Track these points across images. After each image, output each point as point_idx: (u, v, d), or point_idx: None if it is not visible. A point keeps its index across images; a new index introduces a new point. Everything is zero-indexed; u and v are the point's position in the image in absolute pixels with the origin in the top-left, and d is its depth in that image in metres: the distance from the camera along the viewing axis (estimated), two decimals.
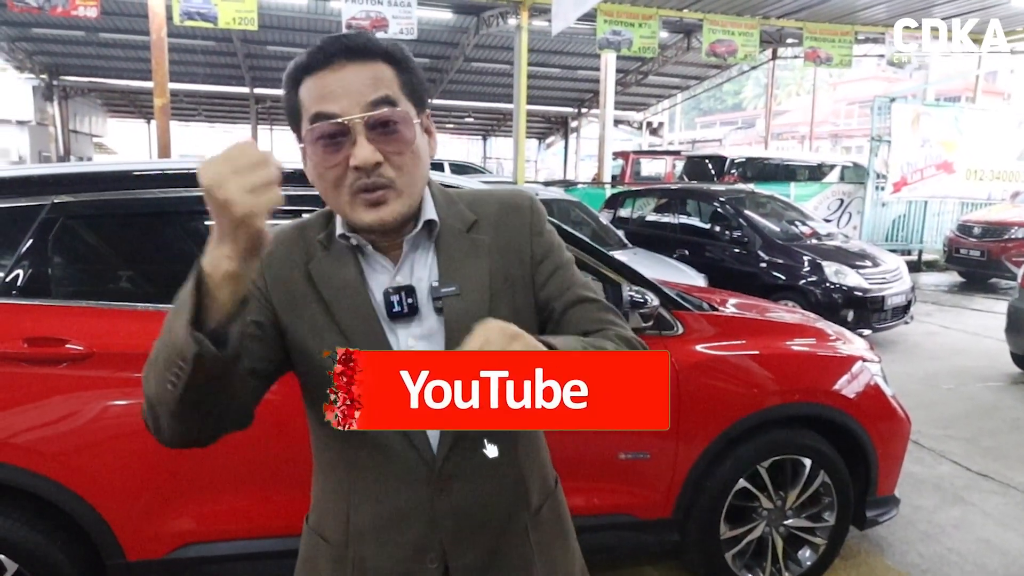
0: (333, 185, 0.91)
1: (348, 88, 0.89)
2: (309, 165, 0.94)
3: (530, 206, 1.06)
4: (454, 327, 0.94)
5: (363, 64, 0.91)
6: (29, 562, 1.83)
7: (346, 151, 0.89)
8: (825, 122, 40.23)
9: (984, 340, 6.68)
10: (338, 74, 0.90)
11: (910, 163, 10.76)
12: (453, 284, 0.97)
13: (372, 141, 0.89)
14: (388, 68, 0.93)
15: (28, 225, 1.90)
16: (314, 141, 0.90)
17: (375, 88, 0.90)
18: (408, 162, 0.93)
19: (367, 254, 0.98)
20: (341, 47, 0.90)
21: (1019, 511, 3.34)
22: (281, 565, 2.05)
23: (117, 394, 1.86)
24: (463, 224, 1.01)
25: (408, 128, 0.92)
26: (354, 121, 0.88)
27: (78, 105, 22.98)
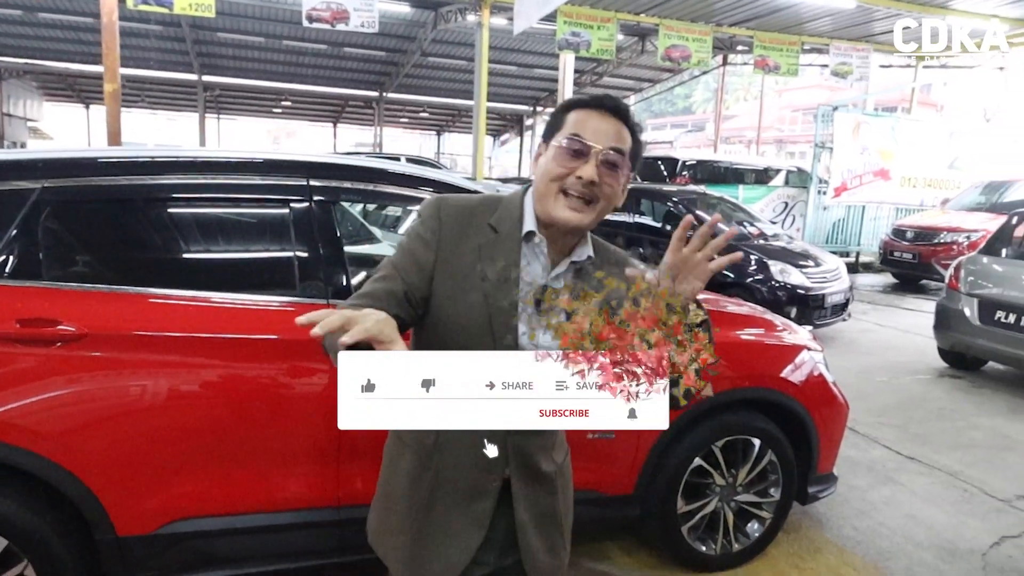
0: (553, 178, 1.23)
1: (603, 130, 1.23)
2: (543, 159, 1.26)
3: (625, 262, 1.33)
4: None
5: (618, 121, 1.25)
6: (20, 539, 1.86)
7: (579, 163, 1.22)
8: (771, 128, 41.52)
9: (915, 337, 7.12)
10: (602, 118, 1.24)
11: (850, 169, 11.29)
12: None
13: (598, 167, 1.21)
14: (629, 134, 1.27)
15: (19, 208, 1.94)
16: (563, 147, 1.23)
17: (618, 140, 1.25)
18: (608, 194, 1.25)
19: (539, 250, 1.28)
20: (613, 105, 1.26)
21: (943, 490, 3.64)
22: (265, 540, 2.14)
23: (109, 374, 1.91)
24: (596, 265, 1.28)
25: (622, 174, 1.26)
26: (597, 149, 1.22)
27: (12, 87, 22.06)
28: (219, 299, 2.05)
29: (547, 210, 1.25)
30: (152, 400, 1.95)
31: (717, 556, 2.75)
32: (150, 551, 2.00)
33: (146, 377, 1.94)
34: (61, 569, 1.91)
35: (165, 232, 2.17)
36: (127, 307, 1.97)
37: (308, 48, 18.15)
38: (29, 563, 1.88)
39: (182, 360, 1.98)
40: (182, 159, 2.17)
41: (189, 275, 2.19)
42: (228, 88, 23.03)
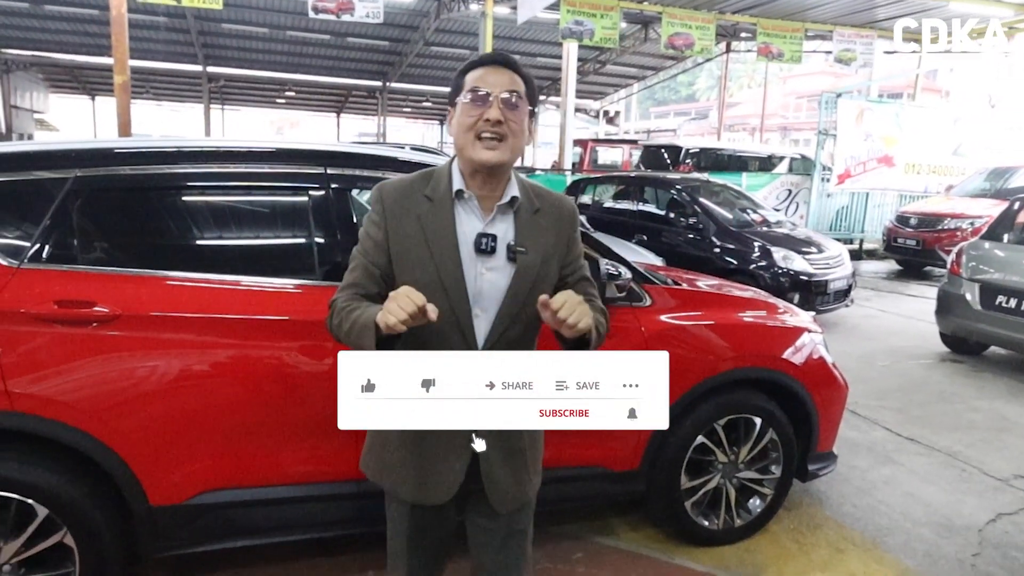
0: (466, 129, 1.42)
1: (497, 80, 1.43)
2: (455, 118, 1.46)
3: (573, 209, 1.60)
4: (520, 272, 1.47)
5: (508, 70, 1.45)
6: (59, 508, 1.97)
7: (484, 109, 1.41)
8: (775, 115, 41.31)
9: (917, 323, 7.19)
10: (494, 70, 1.44)
11: (854, 156, 11.32)
12: (523, 245, 1.48)
13: (501, 109, 1.41)
14: (520, 79, 1.46)
15: (54, 197, 2.04)
16: (469, 101, 1.42)
17: (512, 84, 1.44)
18: (515, 130, 1.43)
19: (469, 203, 1.48)
20: (502, 59, 1.47)
21: (941, 469, 3.73)
22: (289, 511, 2.25)
23: (142, 353, 2.02)
24: (532, 207, 1.52)
25: (522, 112, 1.45)
26: (495, 93, 1.41)
27: (19, 79, 22.12)
28: (247, 282, 2.15)
29: (469, 156, 1.43)
30: (182, 377, 2.05)
31: (720, 531, 2.84)
32: (181, 520, 2.11)
33: (176, 356, 2.05)
34: (98, 537, 2.02)
35: (191, 218, 2.27)
36: (157, 289, 2.07)
37: (312, 38, 18.19)
38: (68, 531, 1.99)
39: (210, 340, 2.08)
40: (207, 149, 2.26)
41: (214, 259, 2.28)
42: (232, 79, 23.09)
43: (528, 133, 1.49)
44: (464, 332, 1.46)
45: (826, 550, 2.90)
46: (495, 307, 1.48)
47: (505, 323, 1.48)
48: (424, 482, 1.53)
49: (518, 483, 1.58)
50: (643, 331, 2.58)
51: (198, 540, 2.17)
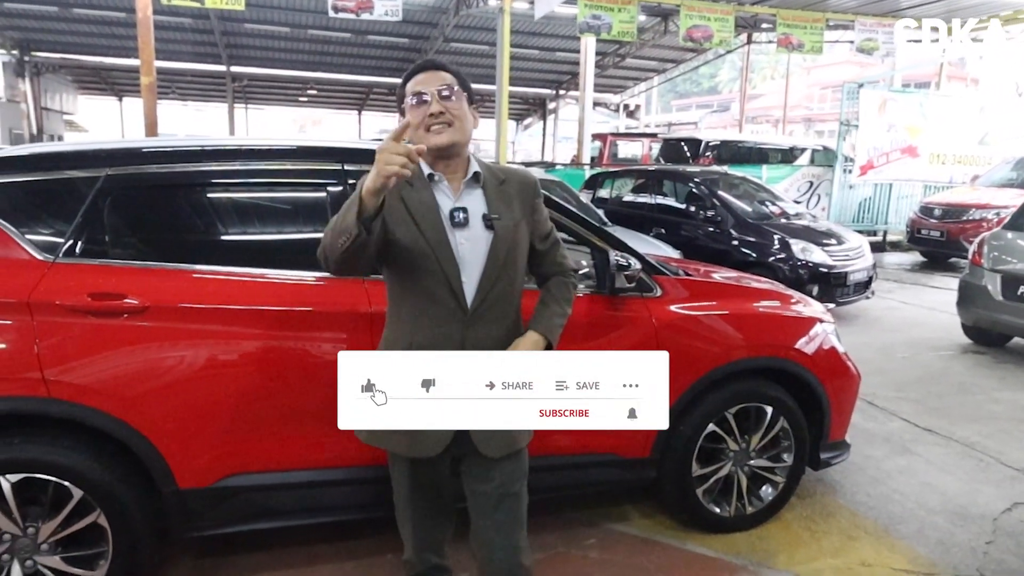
0: (416, 127, 1.66)
1: (431, 80, 1.69)
2: (408, 118, 1.66)
3: (534, 180, 1.86)
4: (498, 236, 1.70)
5: (437, 71, 1.71)
6: (93, 490, 2.08)
7: (426, 107, 1.66)
8: (799, 106, 40.77)
9: (940, 315, 7.12)
10: (427, 74, 1.70)
11: (876, 147, 11.20)
12: (497, 213, 1.72)
13: (440, 103, 1.65)
14: (451, 75, 1.71)
15: (86, 195, 2.14)
16: (412, 104, 1.67)
17: (443, 81, 1.69)
18: (459, 115, 1.68)
19: (440, 185, 1.71)
20: (431, 64, 1.73)
21: (958, 459, 3.73)
22: (310, 495, 2.34)
23: (170, 343, 2.11)
24: (497, 181, 1.78)
25: (459, 102, 1.69)
26: (431, 91, 1.66)
27: (49, 81, 22.56)
28: (271, 275, 2.24)
29: (425, 142, 1.64)
30: (208, 366, 2.15)
31: (731, 518, 2.89)
32: (208, 503, 2.21)
33: (203, 345, 2.14)
34: (129, 518, 2.13)
35: (216, 213, 2.36)
36: (184, 282, 2.17)
37: (333, 37, 18.34)
38: (102, 512, 2.10)
39: (235, 330, 2.17)
40: (230, 147, 2.35)
41: (238, 253, 2.37)
42: (255, 78, 23.35)
43: (472, 118, 1.74)
44: (456, 293, 1.66)
45: (838, 537, 2.92)
46: (478, 271, 1.68)
47: (491, 281, 1.68)
48: (415, 436, 1.66)
49: (503, 430, 1.69)
50: (653, 321, 2.63)
51: (224, 522, 2.27)
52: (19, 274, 2.04)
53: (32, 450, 2.03)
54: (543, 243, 1.86)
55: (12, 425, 2.05)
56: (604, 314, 2.55)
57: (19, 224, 2.10)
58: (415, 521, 1.87)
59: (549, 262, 1.89)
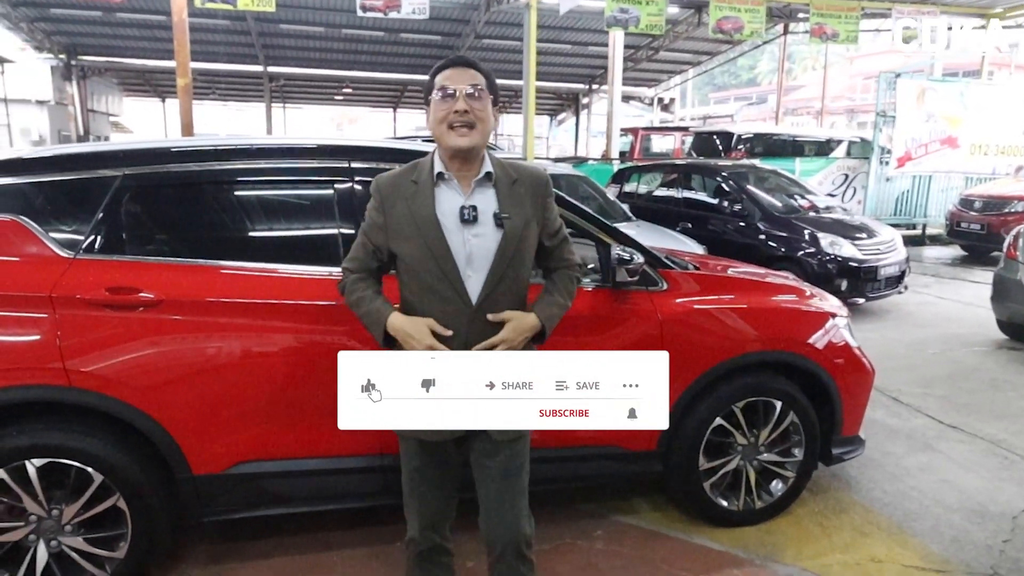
0: (439, 121, 1.71)
1: (460, 77, 1.72)
2: (431, 115, 1.75)
3: (547, 178, 1.89)
4: (507, 235, 1.74)
5: (469, 69, 1.75)
6: (112, 475, 2.19)
7: (452, 103, 1.70)
8: (841, 97, 39.79)
9: (976, 310, 6.94)
10: (457, 70, 1.74)
11: (915, 138, 10.91)
12: (508, 212, 1.76)
13: (466, 101, 1.70)
14: (481, 75, 1.75)
15: (104, 194, 2.25)
16: (439, 98, 1.71)
17: (473, 79, 1.73)
18: (482, 118, 1.72)
19: (450, 183, 1.76)
20: (463, 60, 1.76)
21: (982, 458, 3.65)
22: (317, 482, 2.42)
23: (183, 335, 2.21)
24: (509, 180, 1.81)
25: (484, 103, 1.74)
26: (460, 88, 1.70)
27: (95, 84, 23.29)
28: (282, 270, 2.33)
29: (446, 144, 1.72)
30: (220, 357, 2.24)
31: (739, 512, 2.88)
32: (220, 488, 2.31)
33: (214, 337, 2.23)
34: (147, 502, 2.23)
35: (228, 210, 2.45)
36: (196, 276, 2.26)
37: (366, 36, 18.56)
38: (121, 496, 2.20)
39: (245, 322, 2.26)
40: (240, 147, 2.44)
41: (248, 248, 2.46)
42: (292, 78, 23.76)
43: (493, 119, 1.77)
44: (458, 290, 1.71)
45: (849, 533, 2.90)
46: (486, 267, 1.72)
47: (496, 279, 1.72)
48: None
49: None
50: (658, 315, 2.64)
51: (236, 507, 2.36)
52: (43, 270, 2.16)
53: (55, 436, 2.14)
54: (551, 240, 1.90)
55: (36, 413, 2.17)
56: (607, 307, 2.57)
57: (43, 222, 2.22)
58: (421, 496, 1.90)
59: (556, 258, 1.94)
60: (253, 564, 2.59)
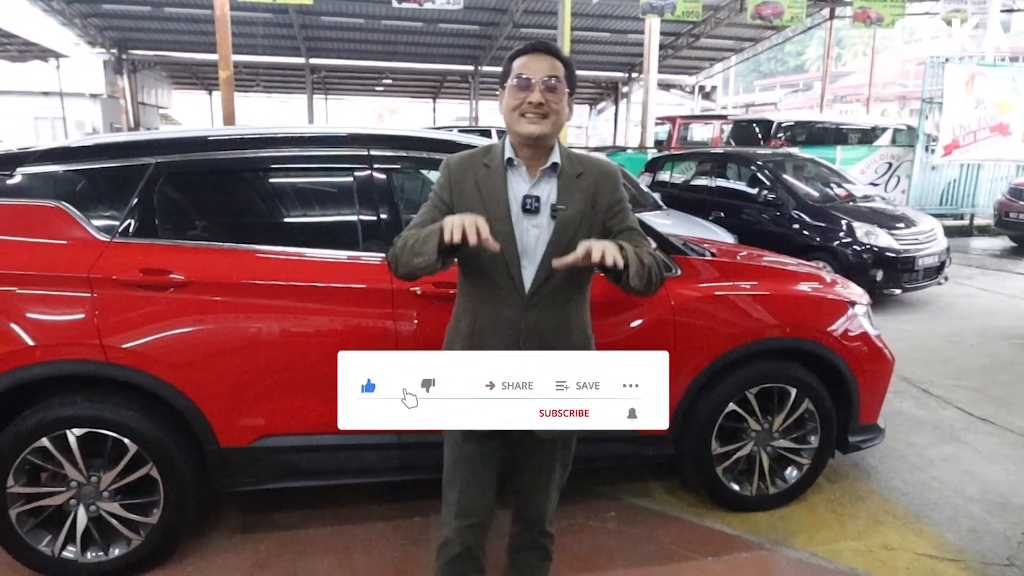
0: (512, 108, 1.67)
1: (539, 66, 1.66)
2: (504, 100, 1.70)
3: (614, 171, 1.81)
4: (560, 226, 1.69)
5: (550, 57, 1.68)
6: (146, 445, 2.33)
7: (527, 93, 1.65)
8: (893, 83, 38.58)
9: (1020, 302, 6.75)
10: (537, 58, 1.67)
11: (963, 125, 10.57)
12: (564, 203, 1.71)
13: (542, 92, 1.64)
14: (561, 65, 1.69)
15: (138, 181, 2.39)
16: (514, 85, 1.66)
17: (552, 70, 1.66)
18: (556, 109, 1.67)
19: (519, 170, 1.72)
20: (544, 47, 1.69)
21: (1010, 450, 3.58)
22: (338, 457, 2.53)
23: (212, 314, 2.33)
24: (575, 172, 1.75)
25: (562, 94, 1.68)
26: (537, 79, 1.64)
27: (145, 78, 24.04)
28: (306, 253, 2.44)
29: (515, 130, 1.67)
30: (246, 336, 2.36)
31: (753, 497, 2.91)
32: (246, 460, 2.43)
33: (240, 317, 2.35)
34: (178, 472, 2.37)
35: (254, 196, 2.58)
36: (223, 259, 2.39)
37: (405, 27, 18.75)
38: (154, 465, 2.35)
39: (269, 303, 2.38)
40: (266, 135, 2.55)
41: (273, 233, 2.57)
42: (333, 69, 24.11)
43: (568, 110, 1.71)
44: (514, 278, 1.69)
45: (864, 521, 2.90)
46: (539, 258, 1.69)
47: (547, 271, 1.68)
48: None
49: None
50: (671, 301, 2.67)
51: (260, 479, 2.49)
52: (82, 252, 2.31)
53: (93, 408, 2.29)
54: (616, 226, 1.78)
55: (76, 386, 2.32)
56: (619, 291, 2.60)
57: (82, 207, 2.36)
58: (463, 480, 1.80)
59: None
60: (277, 535, 2.73)
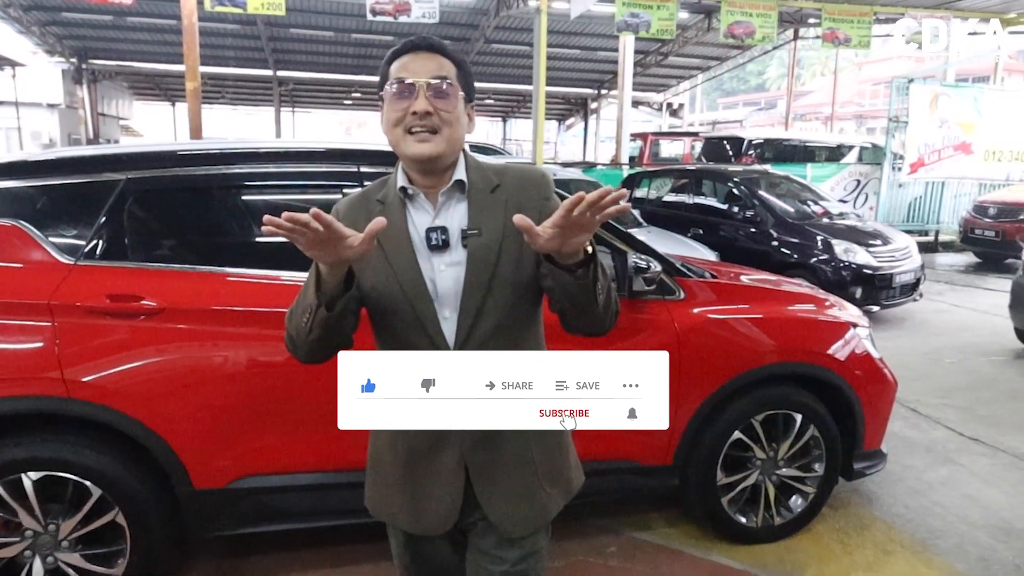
0: (394, 124, 1.27)
1: (422, 67, 1.27)
2: (384, 111, 1.29)
3: (540, 178, 1.39)
4: (474, 257, 1.29)
5: (435, 54, 1.29)
6: (111, 489, 2.12)
7: (410, 101, 1.25)
8: (850, 103, 39.70)
9: (992, 318, 6.82)
10: (419, 57, 1.28)
11: (927, 144, 10.79)
12: (476, 228, 1.30)
13: (429, 99, 1.25)
14: (450, 63, 1.30)
15: (106, 198, 2.19)
16: (392, 92, 1.26)
17: (439, 70, 1.27)
18: (449, 120, 1.26)
19: (416, 200, 1.32)
20: (426, 44, 1.29)
21: (1005, 471, 3.54)
22: (319, 497, 2.34)
23: (186, 345, 2.14)
24: (488, 186, 1.34)
25: (454, 99, 1.28)
26: (420, 82, 1.25)
27: (105, 88, 23.42)
28: (287, 278, 2.25)
29: (403, 153, 1.28)
30: (224, 368, 2.17)
31: (758, 529, 2.79)
32: (223, 503, 2.23)
33: (217, 347, 2.16)
34: (146, 517, 2.16)
35: (231, 216, 2.39)
36: (200, 284, 2.20)
37: (375, 40, 18.58)
38: (120, 511, 2.13)
39: (250, 332, 2.19)
40: (246, 150, 2.37)
41: (253, 255, 2.39)
42: (301, 82, 23.82)
43: (467, 120, 1.33)
44: (432, 336, 1.31)
45: (872, 551, 2.80)
46: (456, 303, 1.30)
47: (470, 319, 1.30)
48: (418, 512, 1.39)
49: (528, 500, 1.39)
50: (675, 325, 2.56)
51: (239, 524, 2.29)
52: (42, 276, 2.10)
53: (52, 449, 2.08)
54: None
55: (34, 424, 2.10)
56: (623, 318, 2.47)
57: (43, 227, 2.16)
58: None
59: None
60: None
